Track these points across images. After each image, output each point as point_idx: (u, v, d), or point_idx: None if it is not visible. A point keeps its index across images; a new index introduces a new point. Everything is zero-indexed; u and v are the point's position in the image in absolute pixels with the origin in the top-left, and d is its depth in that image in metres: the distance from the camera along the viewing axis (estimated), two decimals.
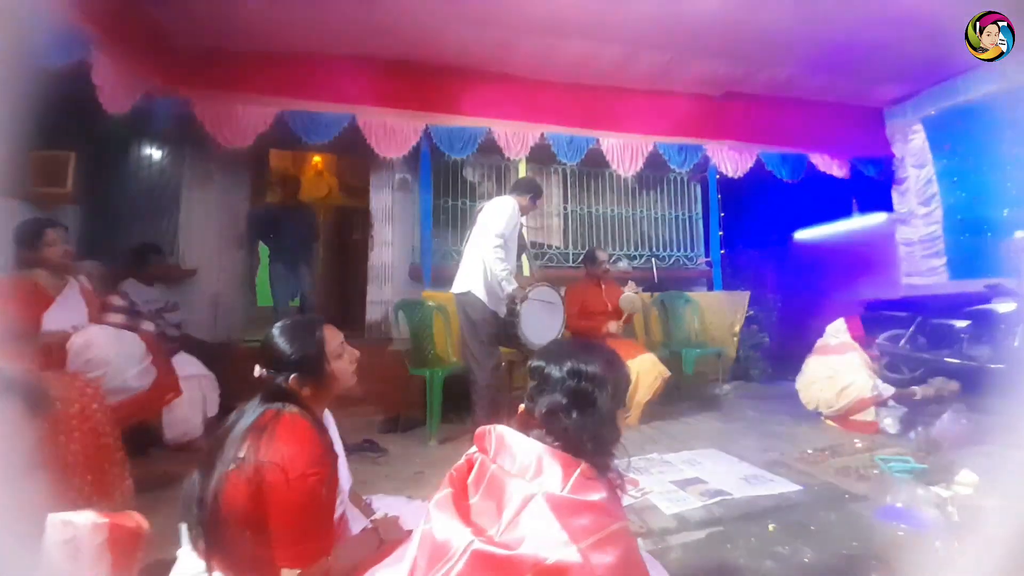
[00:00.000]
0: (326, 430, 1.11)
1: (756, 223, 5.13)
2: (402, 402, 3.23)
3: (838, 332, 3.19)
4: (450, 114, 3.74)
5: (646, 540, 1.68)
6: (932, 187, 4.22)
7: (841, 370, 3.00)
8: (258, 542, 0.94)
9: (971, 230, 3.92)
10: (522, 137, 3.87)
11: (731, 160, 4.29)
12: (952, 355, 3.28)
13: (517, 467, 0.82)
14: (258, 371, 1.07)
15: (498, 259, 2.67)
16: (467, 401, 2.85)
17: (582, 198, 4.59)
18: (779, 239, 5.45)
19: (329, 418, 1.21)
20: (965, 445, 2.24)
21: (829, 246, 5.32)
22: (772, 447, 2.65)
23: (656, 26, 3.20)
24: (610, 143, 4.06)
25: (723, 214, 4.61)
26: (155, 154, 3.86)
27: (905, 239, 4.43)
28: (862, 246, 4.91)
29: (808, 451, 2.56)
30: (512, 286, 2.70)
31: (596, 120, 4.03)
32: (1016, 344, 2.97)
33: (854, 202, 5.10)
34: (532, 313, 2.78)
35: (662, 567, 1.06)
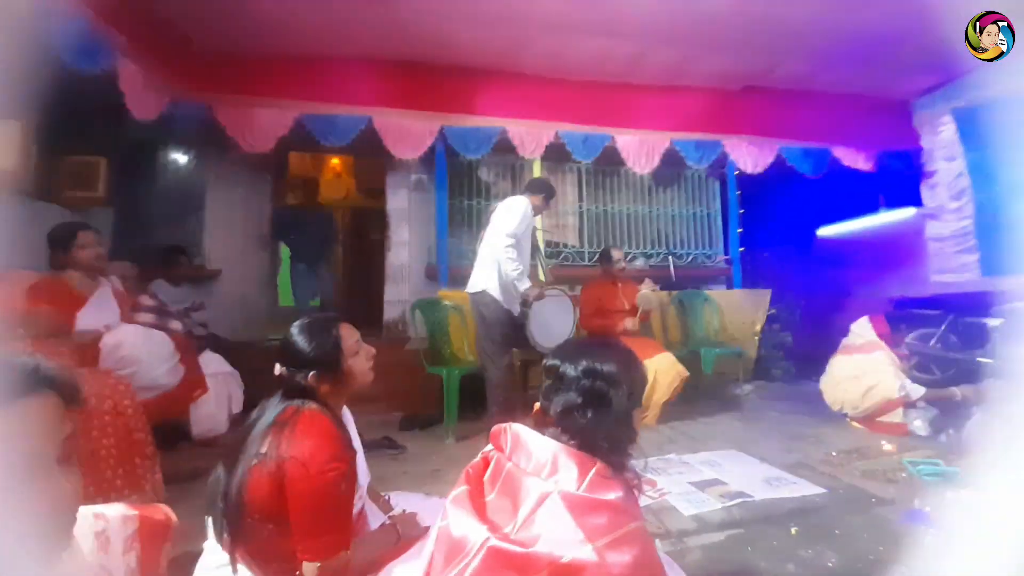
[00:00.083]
0: (345, 426, 1.13)
1: (778, 219, 5.02)
2: (420, 400, 3.27)
3: (863, 331, 3.10)
4: (465, 114, 3.75)
5: (664, 541, 1.66)
6: (963, 181, 4.05)
7: (867, 370, 2.91)
8: (280, 535, 0.97)
9: (1005, 225, 3.75)
10: (537, 136, 3.86)
11: (750, 156, 4.20)
12: (984, 355, 3.15)
13: (533, 465, 0.82)
14: (278, 369, 1.10)
15: (510, 259, 2.69)
16: (484, 399, 2.87)
17: (598, 196, 4.56)
18: (802, 236, 5.31)
19: (347, 415, 1.23)
20: (997, 447, 2.15)
21: (855, 242, 5.16)
22: (795, 449, 2.58)
23: (671, 21, 3.15)
24: (626, 140, 4.02)
25: (743, 211, 4.52)
26: (180, 158, 3.98)
27: (935, 235, 4.26)
28: (889, 242, 4.75)
29: (833, 453, 2.49)
30: (525, 285, 2.72)
31: (611, 117, 3.99)
32: None
33: (880, 197, 4.94)
34: (542, 315, 2.80)
35: (680, 569, 1.05)
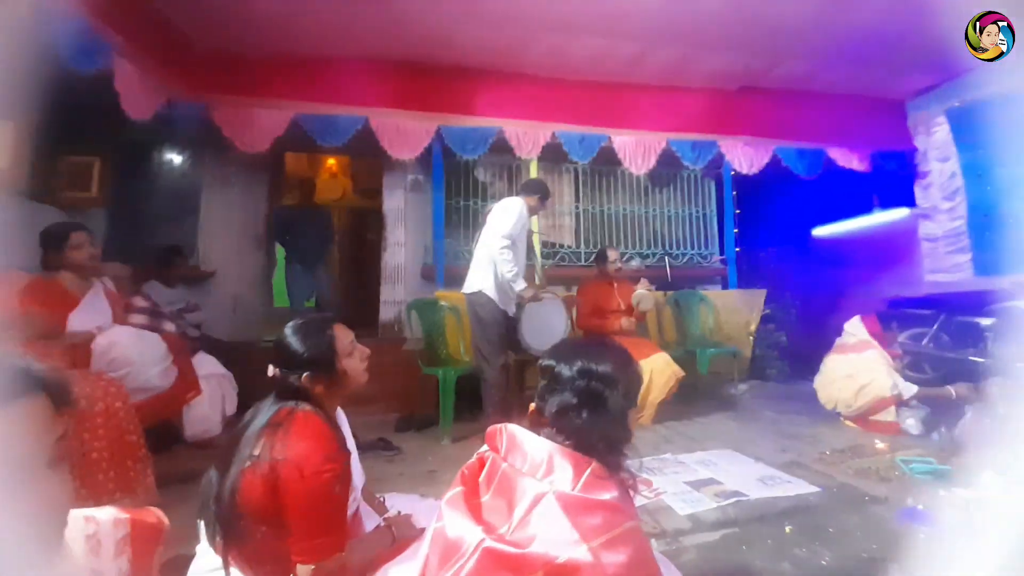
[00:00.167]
0: (339, 427, 1.13)
1: (773, 220, 5.04)
2: (416, 401, 3.26)
3: (856, 330, 3.12)
4: (461, 115, 3.75)
5: (660, 541, 1.67)
6: (956, 181, 4.08)
7: (860, 369, 2.93)
8: (274, 537, 0.96)
9: (997, 226, 3.78)
10: (533, 136, 3.87)
11: (746, 156, 4.22)
12: (977, 354, 3.18)
13: (528, 466, 0.82)
14: (272, 370, 1.09)
15: (506, 259, 2.69)
16: (480, 400, 2.87)
17: (594, 197, 4.57)
18: (797, 236, 5.33)
19: (342, 416, 1.23)
20: (989, 446, 2.17)
21: (849, 242, 5.19)
22: (789, 448, 2.60)
23: (669, 21, 3.16)
24: (622, 141, 4.03)
25: (739, 211, 4.54)
26: (176, 159, 3.96)
27: (928, 235, 4.30)
28: (883, 242, 4.78)
29: (827, 452, 2.50)
30: (520, 286, 2.73)
31: (607, 118, 3.99)
32: None
33: (875, 197, 4.97)
34: (534, 318, 2.80)
35: (676, 568, 1.05)
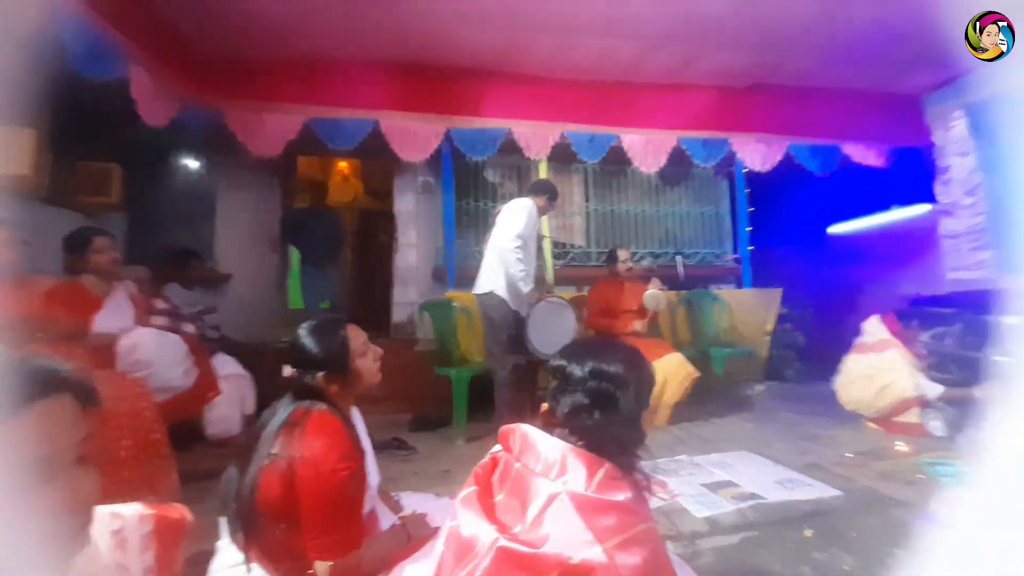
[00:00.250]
0: (354, 426, 1.14)
1: (788, 217, 4.95)
2: (429, 402, 3.28)
3: (875, 329, 3.05)
4: (470, 116, 3.76)
5: (676, 543, 1.65)
6: (976, 176, 3.97)
7: (880, 368, 2.86)
8: (291, 534, 0.97)
9: (1019, 222, 3.67)
10: (542, 137, 3.86)
11: (758, 154, 4.16)
12: (1003, 354, 3.08)
13: (541, 466, 0.82)
14: (287, 371, 1.11)
15: (517, 260, 2.70)
16: (493, 400, 2.87)
17: (604, 196, 4.55)
18: (813, 234, 5.25)
19: (357, 415, 1.24)
20: (1015, 449, 2.10)
21: (867, 240, 5.09)
22: (808, 450, 2.55)
23: (676, 18, 3.13)
24: (632, 140, 4.00)
25: (752, 209, 4.48)
26: (191, 163, 4.04)
27: (949, 231, 4.19)
28: (902, 239, 4.68)
29: (848, 455, 2.45)
30: (529, 287, 2.73)
31: (617, 117, 3.97)
32: None
33: (893, 193, 4.86)
34: (540, 321, 2.80)
35: (692, 571, 1.04)
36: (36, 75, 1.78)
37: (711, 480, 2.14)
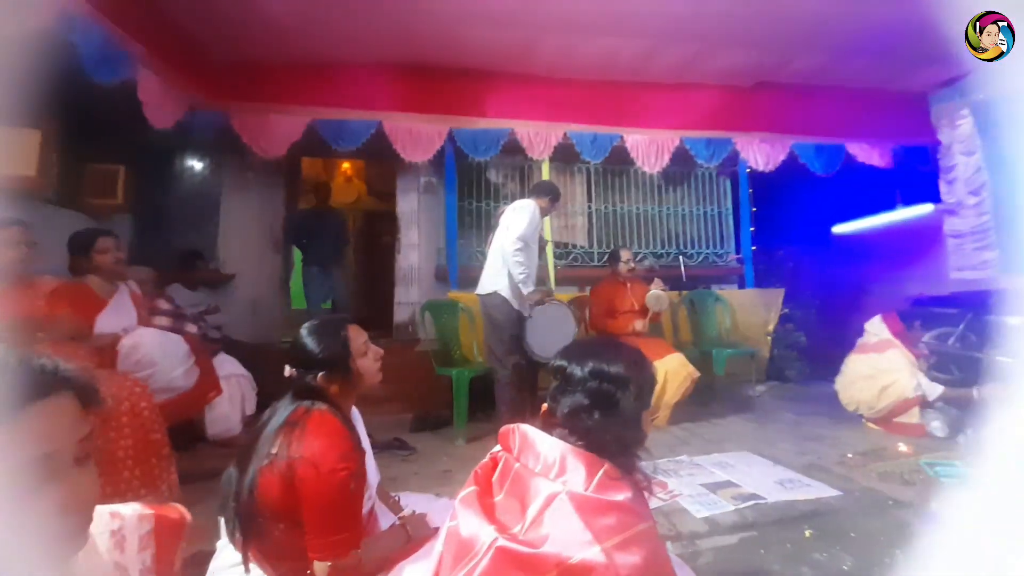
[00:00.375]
0: (354, 427, 1.15)
1: (791, 217, 4.93)
2: (430, 402, 3.28)
3: (877, 329, 3.03)
4: (473, 117, 3.77)
5: (675, 543, 1.65)
6: (982, 175, 3.95)
7: (882, 369, 2.85)
8: (291, 534, 0.98)
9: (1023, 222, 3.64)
10: (545, 137, 3.86)
11: (762, 153, 4.14)
12: (1005, 354, 3.06)
13: (541, 466, 0.82)
14: (288, 370, 1.11)
15: (518, 261, 2.70)
16: (494, 400, 2.87)
17: (607, 196, 4.54)
18: (816, 233, 5.22)
19: (357, 415, 1.25)
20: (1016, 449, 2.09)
21: (870, 240, 5.06)
22: (809, 450, 2.54)
23: (680, 18, 3.12)
24: (635, 140, 4.00)
25: (755, 209, 4.47)
26: (196, 165, 4.06)
27: (954, 231, 4.16)
28: (906, 239, 4.65)
29: (848, 455, 2.44)
30: (529, 289, 2.73)
31: (620, 117, 3.97)
32: None
33: (897, 193, 4.83)
34: (540, 324, 2.80)
35: (691, 571, 1.04)
36: (44, 77, 1.79)
37: (711, 480, 2.14)
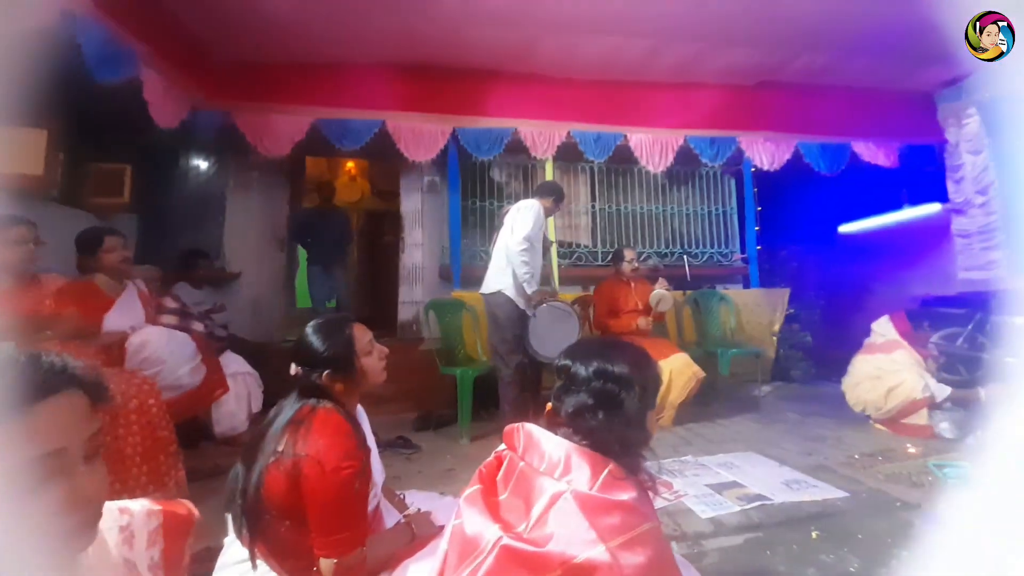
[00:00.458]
0: (359, 425, 1.15)
1: (797, 216, 4.90)
2: (434, 400, 3.29)
3: (884, 329, 3.01)
4: (476, 116, 3.77)
5: (681, 544, 1.65)
6: (989, 175, 3.91)
7: (889, 370, 2.83)
8: (297, 531, 0.98)
9: None
10: (548, 136, 3.86)
11: (767, 152, 4.12)
12: (1014, 354, 3.03)
13: (545, 465, 0.82)
14: (293, 369, 1.12)
15: (523, 261, 2.71)
16: (497, 399, 2.88)
17: (610, 196, 4.53)
18: (822, 233, 5.19)
19: (361, 413, 1.25)
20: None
21: (877, 239, 5.03)
22: (816, 451, 2.53)
23: (684, 17, 3.11)
24: (639, 139, 3.98)
25: (760, 208, 4.44)
26: (201, 164, 4.08)
27: (961, 230, 4.13)
28: (913, 239, 4.62)
29: (855, 456, 2.42)
30: (533, 288, 2.74)
31: (623, 116, 3.96)
32: None
33: (904, 192, 4.80)
34: (542, 326, 2.80)
35: (696, 571, 1.04)
36: (49, 77, 1.80)
37: (716, 481, 2.13)
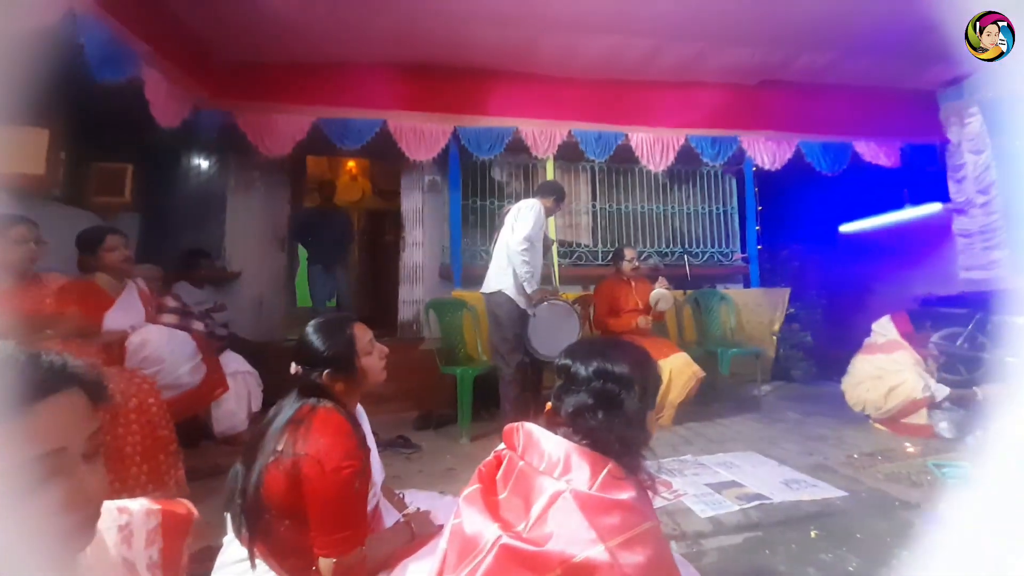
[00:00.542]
0: (359, 424, 1.15)
1: (798, 216, 4.90)
2: (434, 400, 3.29)
3: (885, 329, 3.01)
4: (477, 115, 3.76)
5: (680, 543, 1.65)
6: (991, 174, 3.91)
7: (889, 369, 2.83)
8: (296, 531, 0.99)
9: None
10: (549, 135, 3.85)
11: (768, 151, 4.12)
12: (1015, 354, 3.02)
13: (545, 464, 0.83)
14: (294, 368, 1.12)
15: (524, 261, 2.72)
16: (498, 399, 2.88)
17: (611, 195, 4.53)
18: (823, 232, 5.18)
19: (362, 413, 1.25)
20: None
21: (878, 239, 5.02)
22: (815, 451, 2.53)
23: (685, 16, 3.11)
24: (640, 138, 3.98)
25: (761, 207, 4.44)
26: (202, 164, 4.09)
27: (963, 230, 4.12)
28: (914, 238, 4.61)
29: (855, 455, 2.42)
30: (533, 288, 2.75)
31: (625, 115, 3.95)
32: None
33: (905, 191, 4.79)
34: (543, 325, 2.80)
35: (696, 571, 1.04)
36: (51, 77, 1.80)
37: (716, 480, 2.13)
